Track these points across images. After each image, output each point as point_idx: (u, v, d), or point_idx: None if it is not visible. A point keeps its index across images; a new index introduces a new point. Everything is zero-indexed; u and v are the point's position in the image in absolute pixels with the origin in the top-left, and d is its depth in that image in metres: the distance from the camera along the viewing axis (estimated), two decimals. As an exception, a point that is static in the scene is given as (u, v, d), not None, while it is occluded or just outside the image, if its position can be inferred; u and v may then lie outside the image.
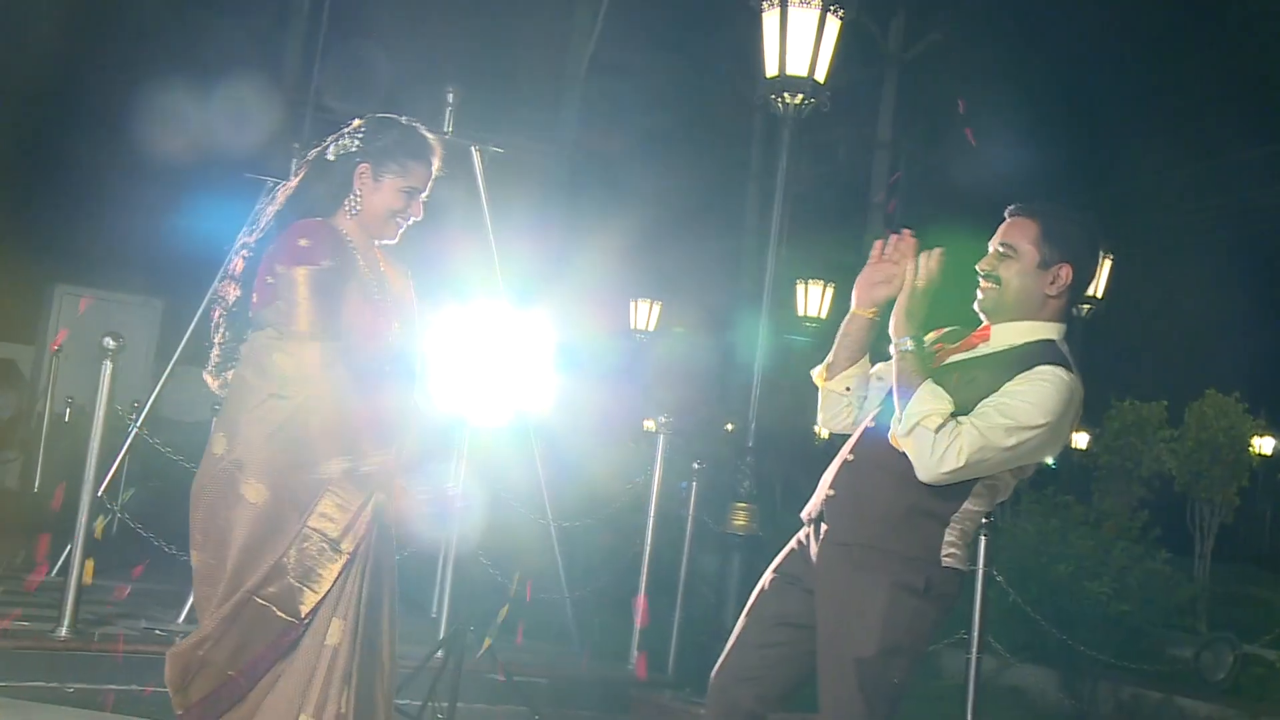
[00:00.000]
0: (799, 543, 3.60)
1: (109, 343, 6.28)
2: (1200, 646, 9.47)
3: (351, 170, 3.65)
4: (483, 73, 16.08)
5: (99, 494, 6.44)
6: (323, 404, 3.45)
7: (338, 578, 3.42)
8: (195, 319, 8.56)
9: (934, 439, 3.29)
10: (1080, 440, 16.49)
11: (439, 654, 5.77)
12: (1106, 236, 13.91)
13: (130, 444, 8.13)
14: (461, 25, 17.42)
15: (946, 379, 3.43)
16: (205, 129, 14.67)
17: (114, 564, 7.74)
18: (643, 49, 20.06)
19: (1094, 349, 13.75)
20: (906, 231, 3.69)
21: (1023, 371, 3.37)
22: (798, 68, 7.65)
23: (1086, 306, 13.81)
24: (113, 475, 7.60)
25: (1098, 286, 13.85)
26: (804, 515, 3.60)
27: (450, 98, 7.80)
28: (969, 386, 3.40)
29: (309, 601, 3.40)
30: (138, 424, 7.93)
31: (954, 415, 3.33)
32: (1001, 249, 3.52)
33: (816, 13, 7.62)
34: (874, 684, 3.35)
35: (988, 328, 3.55)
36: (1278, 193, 19.92)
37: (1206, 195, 21.50)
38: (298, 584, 3.39)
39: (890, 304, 3.57)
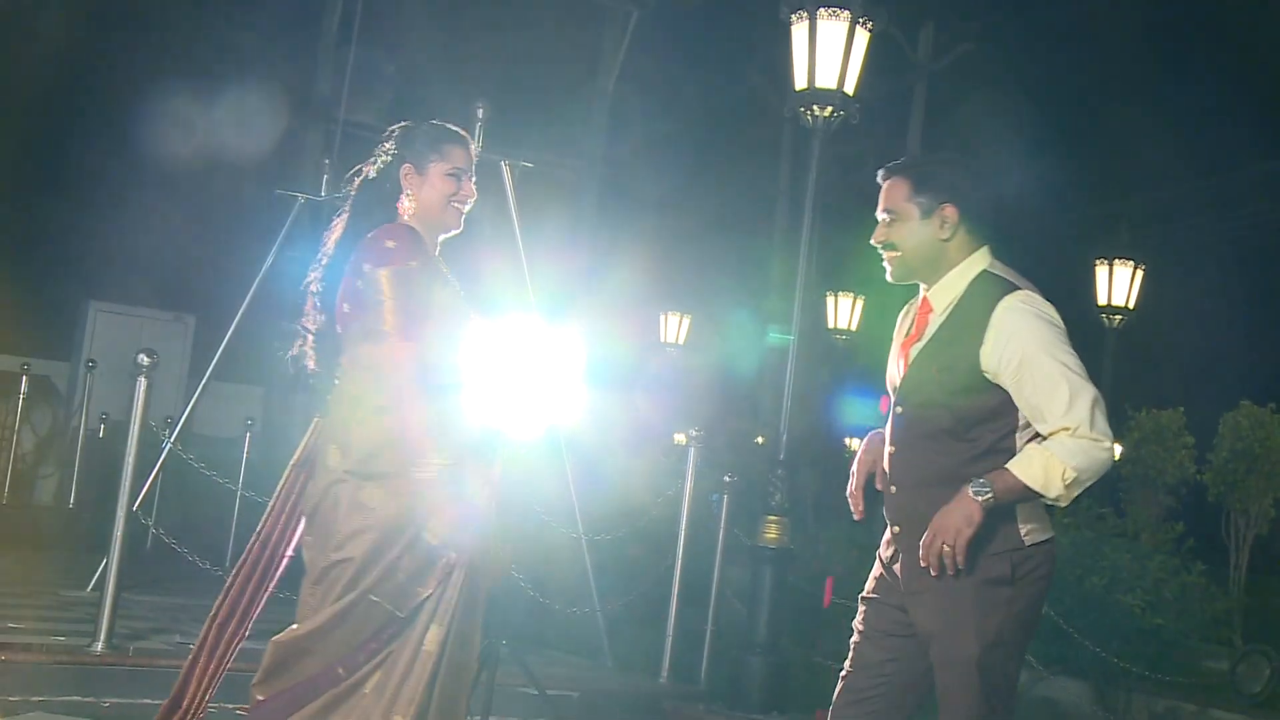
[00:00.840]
0: (880, 560, 3.55)
1: (143, 359, 6.33)
2: (1236, 659, 9.37)
3: (397, 175, 3.78)
4: (511, 89, 16.09)
5: (134, 509, 6.48)
6: (417, 405, 3.59)
7: (441, 580, 3.59)
8: (227, 335, 8.63)
9: (1077, 463, 3.23)
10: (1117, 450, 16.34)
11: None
12: (1133, 245, 13.86)
13: (164, 459, 8.18)
14: (489, 42, 17.47)
15: (928, 374, 3.41)
16: (236, 147, 14.77)
17: (148, 579, 7.79)
18: (671, 63, 20.07)
19: (1116, 360, 13.65)
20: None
21: (984, 327, 3.32)
22: (827, 80, 7.65)
23: (1118, 317, 13.72)
24: (147, 490, 7.64)
25: (1129, 298, 13.75)
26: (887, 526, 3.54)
27: (479, 113, 7.84)
28: (949, 373, 3.37)
29: (416, 597, 3.57)
30: (171, 439, 7.98)
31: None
32: (886, 216, 3.53)
33: (845, 25, 7.62)
34: (985, 682, 3.32)
35: (926, 299, 3.52)
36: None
37: (1227, 208, 21.39)
38: (408, 583, 3.56)
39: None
